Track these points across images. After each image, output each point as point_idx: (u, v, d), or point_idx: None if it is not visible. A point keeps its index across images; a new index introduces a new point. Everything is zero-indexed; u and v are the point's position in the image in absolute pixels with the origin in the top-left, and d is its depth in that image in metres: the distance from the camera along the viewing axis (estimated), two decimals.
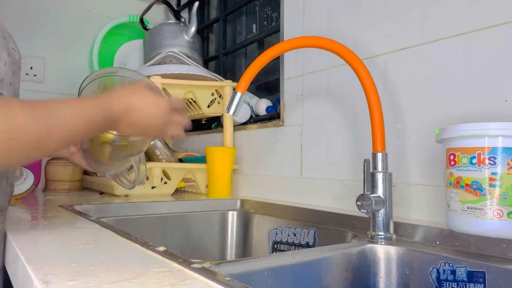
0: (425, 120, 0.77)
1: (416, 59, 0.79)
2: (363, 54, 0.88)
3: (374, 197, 0.65)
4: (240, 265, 0.51)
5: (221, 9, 1.53)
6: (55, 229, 0.57)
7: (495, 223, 0.54)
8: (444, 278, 0.58)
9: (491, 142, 0.54)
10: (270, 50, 0.70)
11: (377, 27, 0.87)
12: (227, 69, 1.50)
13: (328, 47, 0.72)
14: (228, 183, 1.17)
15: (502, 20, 0.66)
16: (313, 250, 0.60)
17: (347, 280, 0.62)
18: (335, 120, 0.96)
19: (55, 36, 1.58)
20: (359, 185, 0.88)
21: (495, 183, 0.54)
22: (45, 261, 0.40)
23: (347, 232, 0.76)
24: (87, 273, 0.36)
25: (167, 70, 1.23)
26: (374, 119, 0.69)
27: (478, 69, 0.69)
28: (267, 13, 1.36)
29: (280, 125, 1.12)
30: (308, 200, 1.00)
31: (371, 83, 0.69)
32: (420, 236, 0.68)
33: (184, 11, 1.72)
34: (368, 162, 0.68)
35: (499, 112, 0.66)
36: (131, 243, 0.49)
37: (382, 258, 0.65)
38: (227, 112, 0.70)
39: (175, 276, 0.36)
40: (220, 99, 1.31)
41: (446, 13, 0.74)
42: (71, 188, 1.33)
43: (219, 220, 1.06)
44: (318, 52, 1.00)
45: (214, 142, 1.43)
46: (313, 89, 1.02)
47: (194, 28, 1.34)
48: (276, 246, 0.91)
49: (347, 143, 0.92)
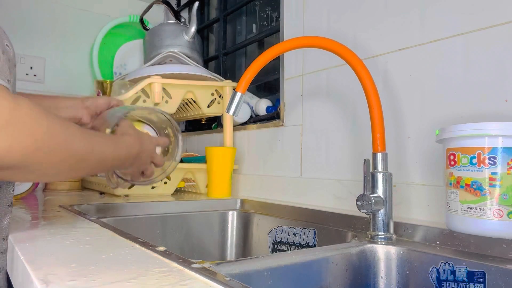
0: (425, 120, 0.77)
1: (416, 59, 0.79)
2: (363, 54, 0.88)
3: (374, 197, 0.65)
4: (240, 265, 0.51)
5: (221, 9, 1.53)
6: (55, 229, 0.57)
7: (495, 223, 0.54)
8: (444, 278, 0.58)
9: (491, 142, 0.54)
10: (270, 50, 0.70)
11: (377, 27, 0.87)
12: (227, 69, 1.50)
13: (328, 47, 0.72)
14: (228, 183, 1.17)
15: (502, 20, 0.66)
16: (313, 250, 0.60)
17: (347, 280, 0.62)
18: (335, 120, 0.96)
19: (55, 36, 1.58)
20: (359, 185, 0.88)
21: (495, 183, 0.54)
22: (45, 261, 0.40)
23: (347, 232, 0.76)
24: (87, 273, 0.36)
25: (167, 70, 1.23)
26: (374, 119, 0.69)
27: (478, 69, 0.69)
28: (267, 13, 1.36)
29: (280, 125, 1.12)
30: (308, 200, 1.00)
31: (371, 83, 0.69)
32: (420, 236, 0.68)
33: (184, 11, 1.72)
34: (368, 162, 0.68)
35: (499, 112, 0.66)
36: (131, 243, 0.49)
37: (382, 258, 0.65)
38: (227, 112, 0.70)
39: (175, 276, 0.36)
40: (220, 99, 1.31)
41: (446, 13, 0.74)
42: (71, 188, 1.33)
43: (219, 220, 1.06)
44: (318, 52, 1.00)
45: (214, 142, 1.43)
46: (313, 89, 1.02)
47: (194, 28, 1.34)
48: (276, 246, 0.91)
49: (347, 143, 0.92)
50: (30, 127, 0.45)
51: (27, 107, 0.45)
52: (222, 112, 1.31)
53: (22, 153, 0.44)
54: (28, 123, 0.44)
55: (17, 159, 0.45)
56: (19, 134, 0.44)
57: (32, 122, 0.45)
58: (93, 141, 0.56)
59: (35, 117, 0.46)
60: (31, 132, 0.45)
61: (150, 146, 0.73)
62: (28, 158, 0.45)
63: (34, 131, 0.45)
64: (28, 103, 0.45)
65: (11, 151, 0.44)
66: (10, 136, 0.43)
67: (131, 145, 0.66)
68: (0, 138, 0.42)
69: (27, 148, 0.45)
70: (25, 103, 0.45)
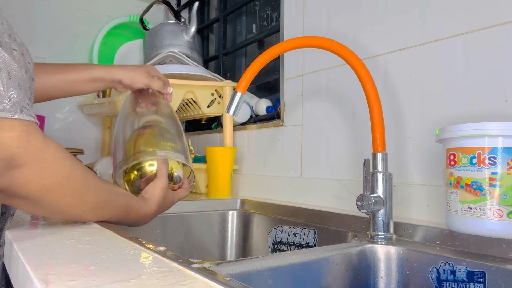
0: (425, 120, 0.77)
1: (416, 59, 0.79)
2: (363, 54, 0.88)
3: (374, 197, 0.65)
4: (240, 265, 0.51)
5: (221, 9, 1.53)
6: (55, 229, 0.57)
7: (495, 223, 0.54)
8: (444, 278, 0.58)
9: (491, 142, 0.54)
10: (270, 50, 0.70)
11: (377, 27, 0.87)
12: (227, 69, 1.50)
13: (328, 47, 0.72)
14: (228, 183, 1.17)
15: (502, 20, 0.66)
16: (313, 250, 0.60)
17: (347, 280, 0.62)
18: (335, 120, 0.96)
19: (55, 36, 1.58)
20: (359, 185, 0.88)
21: (495, 183, 0.54)
22: (45, 261, 0.40)
23: (347, 232, 0.76)
24: (87, 273, 0.36)
25: (167, 70, 1.23)
26: (374, 119, 0.69)
27: (478, 69, 0.69)
28: (267, 13, 1.36)
29: (280, 125, 1.12)
30: (308, 200, 1.00)
31: (371, 83, 0.69)
32: (420, 236, 0.68)
33: (184, 11, 1.72)
34: (368, 162, 0.68)
35: (499, 112, 0.66)
36: (131, 243, 0.49)
37: (382, 258, 0.65)
38: (227, 112, 0.70)
39: (175, 276, 0.36)
40: (220, 99, 1.31)
41: (446, 13, 0.74)
42: None
43: (219, 220, 1.06)
44: (318, 52, 1.00)
45: (214, 142, 1.43)
46: (313, 89, 1.02)
47: (194, 28, 1.34)
48: (276, 246, 0.91)
49: (347, 143, 0.92)
50: (52, 169, 0.48)
51: (54, 149, 0.48)
52: (222, 112, 1.31)
53: (39, 189, 0.48)
54: (51, 164, 0.48)
55: (32, 193, 0.48)
56: (41, 172, 0.47)
57: (55, 165, 0.48)
58: (108, 198, 0.58)
59: (59, 160, 0.49)
60: (52, 173, 0.48)
61: (170, 204, 0.73)
62: (43, 195, 0.49)
63: (55, 173, 0.49)
64: (56, 146, 0.49)
65: (29, 185, 0.47)
66: (33, 172, 0.46)
67: (145, 214, 0.66)
68: (23, 171, 0.46)
69: (44, 186, 0.48)
70: (53, 145, 0.48)
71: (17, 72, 0.48)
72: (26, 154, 0.46)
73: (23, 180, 0.46)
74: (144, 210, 0.66)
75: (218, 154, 1.16)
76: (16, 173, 0.46)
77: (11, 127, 0.45)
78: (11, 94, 0.45)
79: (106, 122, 1.63)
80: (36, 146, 0.46)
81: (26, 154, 0.46)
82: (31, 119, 0.47)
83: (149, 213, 0.67)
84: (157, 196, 0.68)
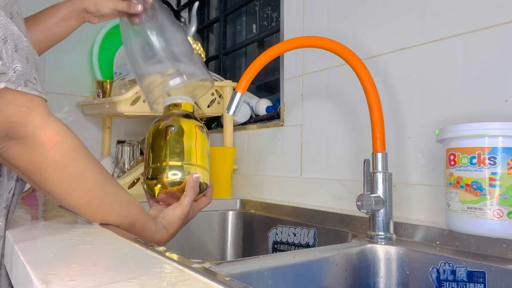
0: (425, 120, 0.77)
1: (416, 59, 0.79)
2: (363, 54, 0.88)
3: (374, 197, 0.65)
4: (240, 265, 0.51)
5: (221, 9, 1.53)
6: (55, 229, 0.57)
7: (495, 223, 0.54)
8: (444, 278, 0.58)
9: (491, 142, 0.54)
10: (270, 50, 0.70)
11: (377, 27, 0.87)
12: (227, 69, 1.50)
13: (328, 47, 0.72)
14: (228, 183, 1.17)
15: (502, 20, 0.66)
16: (313, 250, 0.60)
17: (347, 280, 0.62)
18: (335, 120, 0.96)
19: None
20: (359, 185, 0.88)
21: (495, 183, 0.54)
22: (45, 261, 0.40)
23: (347, 232, 0.76)
24: (87, 273, 0.36)
25: None
26: (374, 119, 0.69)
27: (478, 69, 0.69)
28: (267, 13, 1.36)
29: (280, 125, 1.12)
30: (308, 200, 1.00)
31: (371, 83, 0.69)
32: (420, 236, 0.68)
33: (184, 11, 1.72)
34: (368, 162, 0.68)
35: (499, 112, 0.66)
36: (131, 243, 0.49)
37: (382, 258, 0.65)
38: (227, 112, 0.70)
39: (175, 276, 0.36)
40: (220, 99, 1.31)
41: (446, 13, 0.74)
42: None
43: (219, 220, 1.06)
44: (318, 52, 1.00)
45: (214, 142, 1.43)
46: (313, 89, 1.02)
47: (194, 28, 1.34)
48: (276, 246, 0.91)
49: (347, 143, 0.92)
50: (44, 150, 0.48)
51: (53, 130, 0.49)
52: (222, 112, 1.31)
53: (27, 164, 0.48)
54: (44, 145, 0.48)
55: (21, 167, 0.49)
56: (30, 150, 0.48)
57: (48, 146, 0.48)
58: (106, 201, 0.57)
59: (54, 142, 0.49)
60: (42, 154, 0.48)
61: (187, 223, 0.70)
62: (30, 172, 0.49)
63: (45, 154, 0.48)
64: (57, 128, 0.49)
65: (18, 159, 0.48)
66: (23, 147, 0.47)
67: (154, 240, 0.63)
68: (15, 144, 0.47)
69: (31, 164, 0.48)
70: (54, 126, 0.50)
71: (25, 45, 0.47)
72: (22, 129, 0.45)
73: (14, 153, 0.47)
74: (155, 237, 0.63)
75: (218, 154, 1.16)
76: (10, 143, 0.46)
77: (12, 99, 0.44)
78: (15, 66, 0.45)
79: (106, 122, 1.63)
80: (35, 123, 0.46)
81: (22, 129, 0.45)
82: (35, 93, 0.46)
83: (160, 241, 0.64)
84: (173, 226, 0.66)
